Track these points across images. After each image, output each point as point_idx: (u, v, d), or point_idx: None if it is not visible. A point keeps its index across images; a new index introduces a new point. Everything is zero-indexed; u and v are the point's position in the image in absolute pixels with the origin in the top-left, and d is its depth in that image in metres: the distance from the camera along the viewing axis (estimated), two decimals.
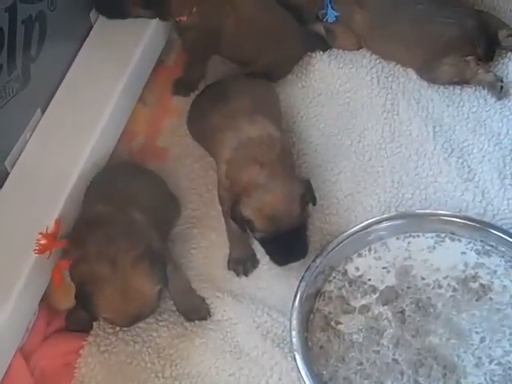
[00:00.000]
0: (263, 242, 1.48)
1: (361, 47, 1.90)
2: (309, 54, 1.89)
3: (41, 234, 1.42)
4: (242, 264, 1.56)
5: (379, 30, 1.84)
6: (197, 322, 1.52)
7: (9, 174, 1.54)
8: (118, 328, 1.51)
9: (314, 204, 1.51)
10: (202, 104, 1.71)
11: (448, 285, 1.50)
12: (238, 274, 1.56)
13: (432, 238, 1.57)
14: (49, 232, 1.43)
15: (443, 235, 1.57)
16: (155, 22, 1.77)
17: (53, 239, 1.43)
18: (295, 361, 1.41)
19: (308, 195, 1.49)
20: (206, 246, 1.62)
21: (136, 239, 1.39)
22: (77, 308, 1.50)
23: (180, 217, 1.66)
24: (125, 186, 1.53)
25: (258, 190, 1.43)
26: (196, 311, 1.53)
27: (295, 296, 1.47)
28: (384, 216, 1.59)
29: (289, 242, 1.46)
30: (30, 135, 1.59)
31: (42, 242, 1.43)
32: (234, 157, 1.50)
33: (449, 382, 1.38)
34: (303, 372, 1.38)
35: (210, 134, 1.61)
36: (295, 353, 1.41)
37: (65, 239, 1.44)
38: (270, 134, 1.53)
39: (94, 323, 1.52)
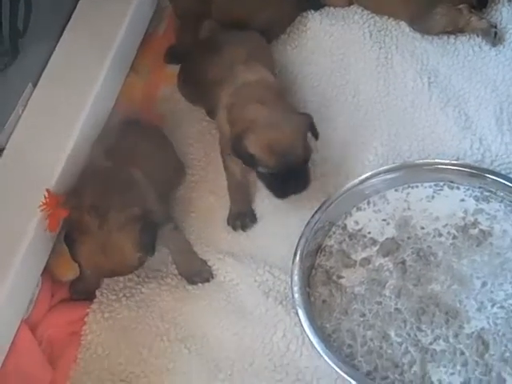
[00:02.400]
0: (266, 177, 1.48)
1: (352, 3, 1.89)
2: (300, 13, 1.87)
3: (42, 205, 1.42)
4: (241, 219, 1.56)
5: None
6: (199, 284, 1.52)
7: (4, 149, 1.54)
8: (121, 294, 1.52)
9: (317, 138, 1.52)
10: (193, 61, 1.70)
11: (448, 233, 1.50)
12: (235, 229, 1.56)
13: (430, 187, 1.57)
14: (48, 201, 1.43)
15: (442, 184, 1.56)
16: None
17: (55, 207, 1.43)
18: (298, 316, 1.40)
19: (311, 129, 1.49)
20: (205, 209, 1.62)
21: (132, 199, 1.40)
22: (80, 278, 1.52)
23: (183, 180, 1.65)
24: (130, 143, 1.54)
25: (264, 126, 1.44)
26: (198, 274, 1.53)
27: (295, 252, 1.47)
28: (381, 169, 1.58)
29: (291, 177, 1.46)
30: (23, 110, 1.59)
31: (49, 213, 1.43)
32: (234, 100, 1.50)
33: (452, 327, 1.38)
34: (306, 326, 1.38)
35: (206, 88, 1.61)
36: (297, 308, 1.41)
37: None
38: (266, 78, 1.55)
39: (97, 291, 1.52)
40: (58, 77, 1.65)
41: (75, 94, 1.63)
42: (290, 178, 1.46)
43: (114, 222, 1.37)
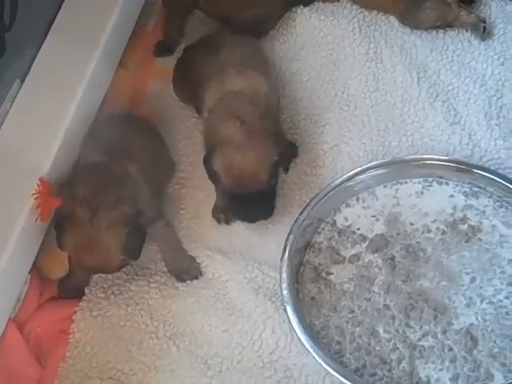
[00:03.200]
0: (226, 196, 1.49)
1: None
2: (290, 8, 1.86)
3: (35, 194, 1.42)
4: (225, 213, 1.56)
5: None
6: (188, 281, 1.51)
7: None
8: (109, 292, 1.51)
9: (285, 173, 1.51)
10: (189, 59, 1.70)
11: (437, 228, 1.50)
12: (219, 222, 1.56)
13: (419, 183, 1.56)
14: (41, 189, 1.43)
15: (431, 179, 1.56)
16: None
17: (48, 196, 1.43)
18: (286, 313, 1.40)
19: (283, 162, 1.48)
20: (194, 205, 1.62)
21: (125, 196, 1.40)
22: (69, 275, 1.51)
23: (173, 177, 1.65)
24: (125, 138, 1.53)
25: (232, 147, 1.43)
26: (187, 271, 1.53)
27: (284, 249, 1.47)
28: (370, 164, 1.58)
29: (251, 202, 1.46)
30: (11, 105, 1.58)
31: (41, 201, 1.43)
32: (217, 107, 1.49)
33: (440, 323, 1.38)
34: (295, 323, 1.38)
35: (197, 87, 1.60)
36: (286, 305, 1.41)
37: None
38: (257, 89, 1.52)
39: (86, 289, 1.52)
40: (45, 72, 1.64)
41: (63, 90, 1.62)
42: (249, 203, 1.46)
43: (104, 220, 1.38)
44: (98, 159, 1.47)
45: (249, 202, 1.46)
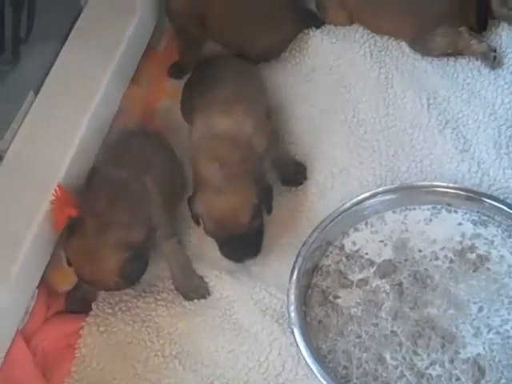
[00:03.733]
0: (214, 239, 1.50)
1: (353, 22, 1.89)
2: (301, 31, 1.88)
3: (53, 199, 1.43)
4: None
5: (370, 4, 1.83)
6: (195, 300, 1.51)
7: (3, 156, 1.53)
8: (117, 308, 1.52)
9: (269, 214, 1.51)
10: (190, 84, 1.71)
11: (445, 256, 1.51)
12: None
13: (428, 210, 1.57)
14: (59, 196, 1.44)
15: (439, 207, 1.57)
16: (144, 6, 1.76)
17: (64, 204, 1.43)
18: (294, 335, 1.40)
19: (264, 204, 1.48)
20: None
21: (138, 214, 1.42)
22: (76, 289, 1.52)
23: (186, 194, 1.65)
24: (141, 153, 1.55)
25: (211, 191, 1.45)
26: (195, 290, 1.53)
27: (292, 271, 1.47)
28: (379, 189, 1.59)
29: (236, 244, 1.47)
30: (24, 117, 1.58)
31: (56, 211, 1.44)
32: (199, 146, 1.50)
33: (447, 352, 1.38)
34: (302, 346, 1.39)
35: (190, 113, 1.62)
36: (293, 327, 1.41)
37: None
38: (241, 131, 1.50)
39: (93, 304, 1.52)
40: (59, 86, 1.64)
41: (76, 104, 1.62)
42: (235, 243, 1.47)
43: (109, 238, 1.39)
44: (114, 173, 1.48)
45: (233, 244, 1.47)
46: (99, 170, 1.54)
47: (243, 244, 1.47)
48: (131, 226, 1.40)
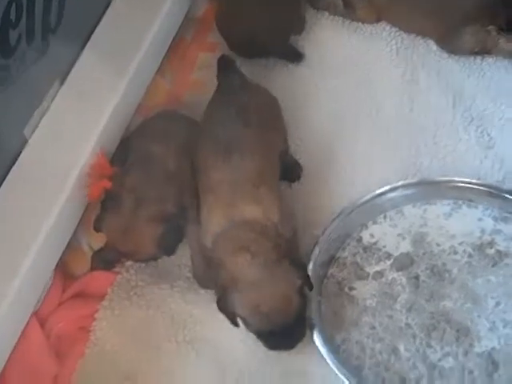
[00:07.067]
0: (257, 334, 1.36)
1: (380, 20, 1.89)
2: (327, 25, 1.88)
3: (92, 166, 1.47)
4: None
5: (398, 2, 1.83)
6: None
7: (27, 141, 1.55)
8: (132, 293, 1.52)
9: (310, 290, 1.36)
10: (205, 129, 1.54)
11: (464, 251, 1.49)
12: None
13: (449, 205, 1.56)
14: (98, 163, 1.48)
15: (460, 202, 1.55)
16: None
17: (103, 172, 1.47)
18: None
19: (305, 283, 1.34)
20: None
21: (171, 192, 1.44)
22: (101, 251, 1.55)
23: None
24: (178, 132, 1.57)
25: (251, 286, 1.29)
26: (211, 279, 1.52)
27: (309, 261, 1.47)
28: (400, 183, 1.57)
29: (285, 331, 1.33)
30: (49, 105, 1.61)
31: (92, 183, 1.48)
32: (222, 236, 1.34)
33: (462, 345, 1.36)
34: (315, 334, 1.37)
35: (202, 176, 1.44)
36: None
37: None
38: (268, 217, 1.36)
39: (109, 288, 1.53)
40: (85, 75, 1.66)
41: (101, 93, 1.65)
42: (282, 332, 1.33)
43: (145, 213, 1.42)
44: (150, 150, 1.50)
45: (281, 333, 1.33)
46: (134, 146, 1.56)
47: (291, 330, 1.34)
48: (165, 200, 1.44)
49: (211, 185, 1.40)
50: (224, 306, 1.33)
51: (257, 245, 1.31)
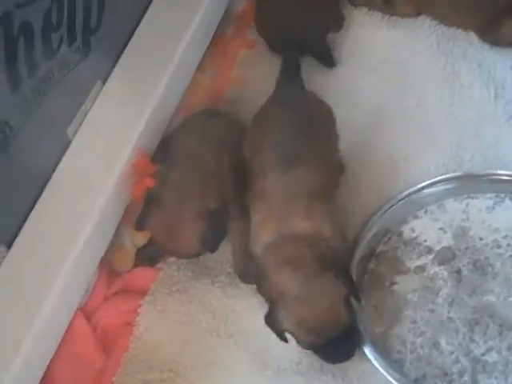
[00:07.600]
0: (309, 349, 1.35)
1: (420, 14, 1.87)
2: (366, 21, 1.87)
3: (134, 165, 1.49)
4: None
5: None
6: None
7: (70, 142, 1.58)
8: (174, 289, 1.54)
9: (359, 301, 1.34)
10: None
11: (508, 244, 1.47)
12: None
13: (491, 198, 1.54)
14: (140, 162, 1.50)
15: (503, 195, 1.54)
16: None
17: (145, 171, 1.49)
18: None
19: (352, 293, 1.31)
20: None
21: (213, 190, 1.45)
22: (145, 247, 1.56)
23: None
24: (219, 131, 1.58)
25: (295, 301, 1.28)
26: (252, 273, 1.53)
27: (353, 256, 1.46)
28: (441, 177, 1.56)
29: (337, 343, 1.31)
30: (91, 106, 1.64)
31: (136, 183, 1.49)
32: (271, 247, 1.34)
33: (505, 339, 1.35)
34: None
35: (258, 182, 1.43)
36: None
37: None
38: (321, 233, 1.34)
39: (152, 284, 1.55)
40: (126, 75, 1.68)
41: (142, 92, 1.66)
42: (336, 346, 1.31)
43: (188, 211, 1.44)
44: (192, 148, 1.52)
45: (333, 345, 1.31)
46: (176, 144, 1.58)
47: (343, 341, 1.32)
48: (207, 197, 1.45)
49: (266, 194, 1.38)
50: (272, 322, 1.32)
51: (300, 258, 1.30)
